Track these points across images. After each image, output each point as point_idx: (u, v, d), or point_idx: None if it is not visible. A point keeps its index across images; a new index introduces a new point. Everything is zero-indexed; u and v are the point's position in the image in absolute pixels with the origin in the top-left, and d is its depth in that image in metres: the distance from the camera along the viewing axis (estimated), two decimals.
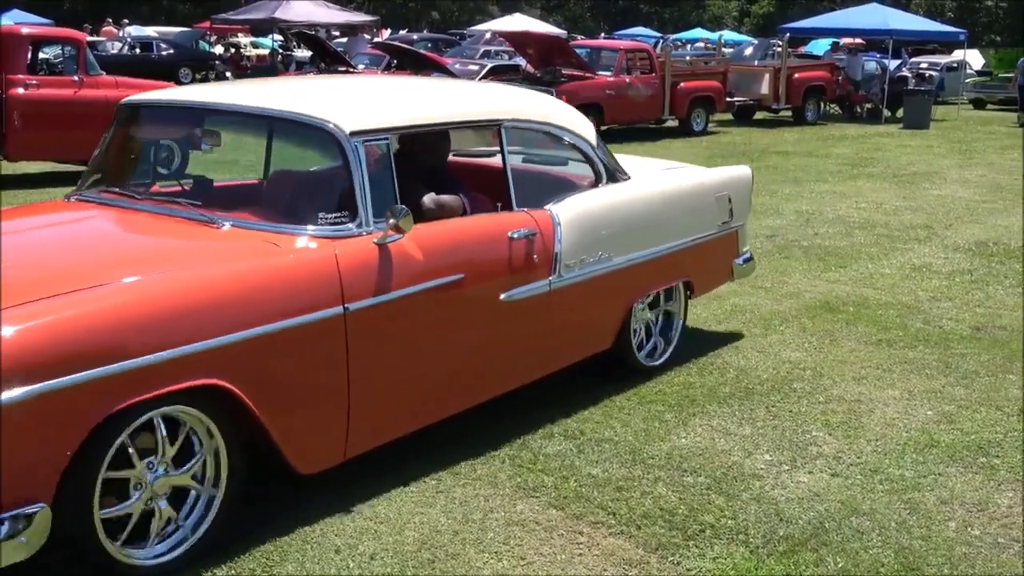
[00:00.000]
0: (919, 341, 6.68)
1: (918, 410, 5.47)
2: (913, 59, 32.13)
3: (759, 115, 23.91)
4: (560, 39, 24.51)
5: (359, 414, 4.16)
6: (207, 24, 36.79)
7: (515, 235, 4.81)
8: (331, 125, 4.28)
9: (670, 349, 6.08)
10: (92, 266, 3.81)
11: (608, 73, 19.57)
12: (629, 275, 5.56)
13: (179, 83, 27.61)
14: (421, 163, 5.04)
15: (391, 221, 4.13)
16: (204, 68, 33.38)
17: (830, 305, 7.55)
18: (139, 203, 4.58)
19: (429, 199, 4.85)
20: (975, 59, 36.08)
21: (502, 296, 4.75)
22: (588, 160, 5.61)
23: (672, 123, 20.71)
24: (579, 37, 36.62)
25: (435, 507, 4.25)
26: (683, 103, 20.37)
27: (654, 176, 6.20)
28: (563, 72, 19.55)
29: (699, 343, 6.54)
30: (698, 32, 51.10)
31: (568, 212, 5.15)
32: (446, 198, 4.91)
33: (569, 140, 5.53)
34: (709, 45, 36.94)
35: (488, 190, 5.09)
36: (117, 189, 4.74)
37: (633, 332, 5.76)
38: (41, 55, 15.89)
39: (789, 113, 23.44)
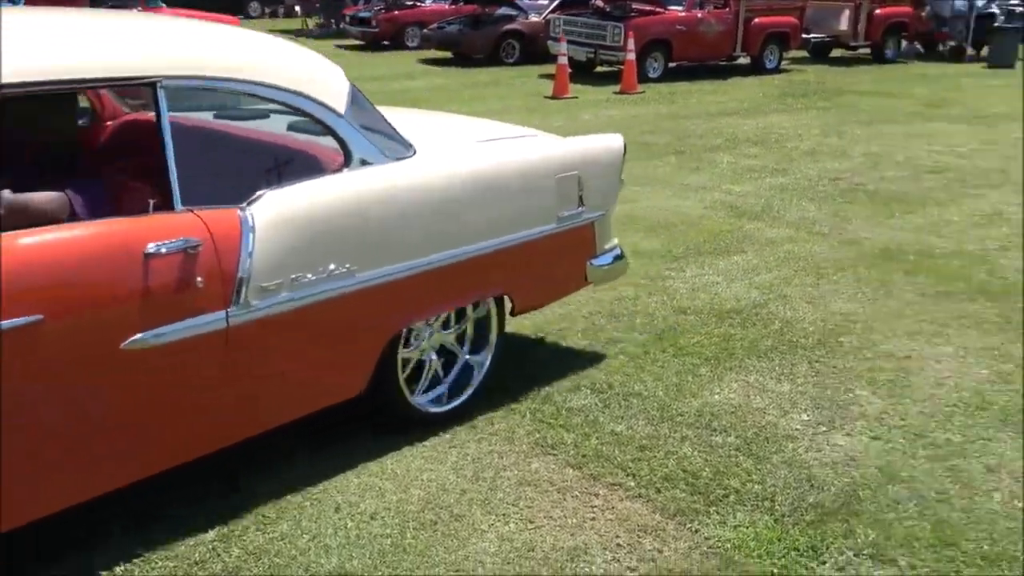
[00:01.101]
0: (981, 294, 6.30)
1: (972, 369, 5.13)
2: None
3: (835, 53, 23.07)
4: None
5: None
6: None
7: (158, 249, 3.19)
8: None
9: (476, 383, 4.58)
10: None
11: (680, 8, 18.99)
12: (389, 295, 3.94)
13: (247, 18, 27.61)
14: (21, 143, 3.63)
15: None
16: (274, 3, 33.28)
17: (890, 253, 7.18)
18: None
19: None
20: None
21: (125, 343, 3.15)
22: (329, 132, 3.87)
23: (744, 60, 20.06)
24: None
25: (446, 464, 4.08)
26: (756, 40, 19.71)
27: (456, 151, 4.49)
28: (633, 7, 19.07)
29: (743, 291, 6.25)
30: None
31: (271, 211, 3.51)
32: (33, 198, 3.35)
33: (291, 103, 3.77)
34: None
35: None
36: None
37: (402, 368, 4.23)
38: None
39: (868, 51, 22.58)
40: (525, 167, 4.60)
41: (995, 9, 25.53)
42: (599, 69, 18.36)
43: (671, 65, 18.56)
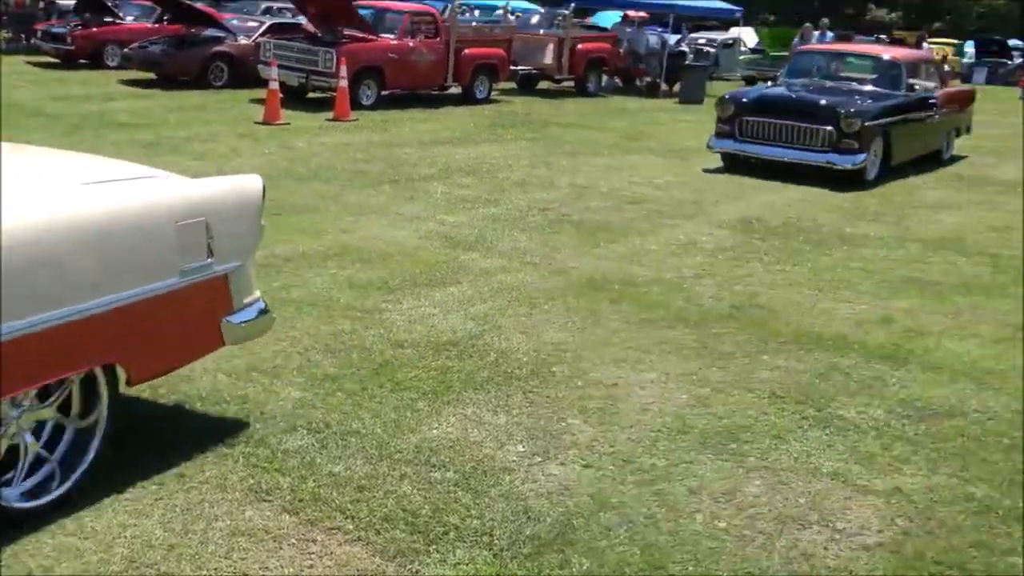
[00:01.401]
0: (679, 320, 6.67)
1: (673, 394, 5.41)
2: (692, 34, 32.97)
3: (542, 85, 23.95)
4: None
5: None
6: None
7: None
8: None
9: (87, 461, 3.96)
10: None
11: (392, 36, 19.10)
12: None
13: None
14: None
15: None
16: None
17: (596, 283, 7.48)
18: None
19: None
20: (749, 37, 37.33)
21: None
22: None
23: (456, 90, 20.44)
24: None
25: (152, 517, 3.84)
26: (467, 70, 20.12)
27: (50, 196, 3.76)
28: (345, 33, 19.00)
29: (459, 323, 6.31)
30: None
31: None
32: None
33: None
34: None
35: None
36: None
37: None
38: None
39: (572, 84, 23.59)
40: (137, 213, 3.98)
41: (685, 48, 27.42)
42: (311, 95, 18.14)
43: (384, 93, 18.62)
